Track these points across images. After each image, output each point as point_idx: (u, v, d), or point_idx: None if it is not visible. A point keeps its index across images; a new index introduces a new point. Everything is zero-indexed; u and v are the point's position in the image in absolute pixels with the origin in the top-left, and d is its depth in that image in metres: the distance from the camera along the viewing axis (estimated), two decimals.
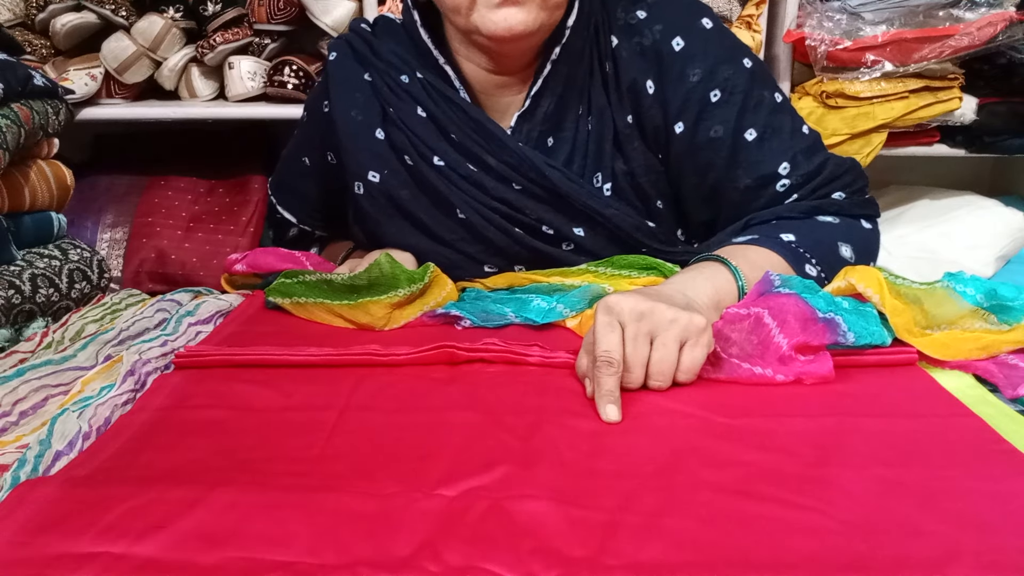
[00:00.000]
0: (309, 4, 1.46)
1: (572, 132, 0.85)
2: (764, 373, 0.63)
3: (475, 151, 0.83)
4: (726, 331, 0.67)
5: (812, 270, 0.77)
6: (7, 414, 0.60)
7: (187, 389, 0.64)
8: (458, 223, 0.85)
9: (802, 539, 0.44)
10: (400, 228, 0.87)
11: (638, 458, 0.53)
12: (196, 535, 0.45)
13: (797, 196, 0.82)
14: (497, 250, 0.86)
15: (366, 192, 0.87)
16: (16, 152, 0.93)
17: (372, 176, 0.86)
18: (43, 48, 1.48)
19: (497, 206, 0.84)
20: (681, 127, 0.82)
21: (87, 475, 0.52)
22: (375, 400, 0.62)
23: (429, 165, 0.84)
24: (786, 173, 0.82)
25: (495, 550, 0.43)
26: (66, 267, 0.97)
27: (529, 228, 0.85)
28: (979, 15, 1.40)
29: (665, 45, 0.82)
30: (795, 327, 0.64)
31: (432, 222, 0.86)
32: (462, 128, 0.83)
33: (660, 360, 0.61)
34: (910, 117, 1.47)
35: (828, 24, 1.44)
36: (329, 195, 0.98)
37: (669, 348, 0.61)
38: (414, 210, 0.86)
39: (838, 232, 0.80)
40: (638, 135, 0.84)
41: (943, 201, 1.63)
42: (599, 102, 0.84)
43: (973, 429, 0.56)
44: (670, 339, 0.61)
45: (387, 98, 0.85)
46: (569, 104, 0.84)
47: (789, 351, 0.63)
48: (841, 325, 0.65)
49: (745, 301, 0.70)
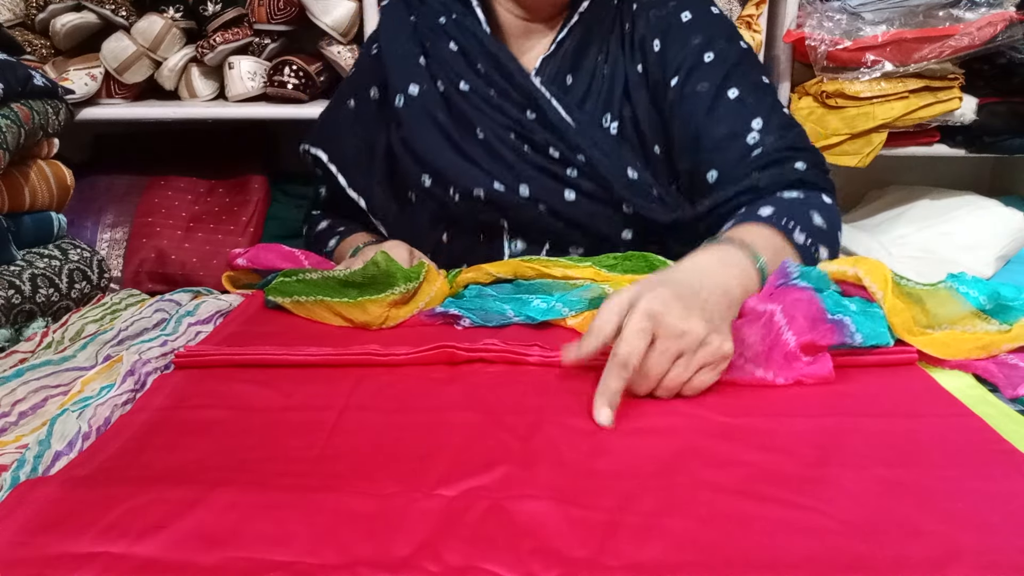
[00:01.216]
0: (309, 4, 1.46)
1: (589, 74, 0.95)
2: (765, 376, 0.63)
3: (496, 80, 0.94)
4: (744, 331, 0.66)
5: (800, 236, 0.80)
6: (6, 414, 0.60)
7: (187, 389, 0.64)
8: (478, 142, 0.94)
9: (802, 539, 0.44)
10: (432, 141, 0.95)
11: (638, 458, 0.53)
12: (196, 535, 0.45)
13: (763, 150, 0.88)
14: (508, 166, 0.92)
15: (405, 104, 0.96)
16: (16, 152, 0.93)
17: (412, 89, 0.96)
18: (43, 48, 1.48)
19: (511, 125, 0.93)
20: (675, 81, 0.92)
21: (87, 475, 0.52)
22: (375, 400, 0.62)
23: (456, 89, 0.94)
24: (758, 128, 0.89)
25: (495, 550, 0.43)
26: (66, 267, 0.97)
27: (539, 148, 0.93)
28: (979, 15, 1.40)
29: (675, 17, 0.94)
30: (804, 325, 0.64)
31: (458, 138, 0.94)
32: (486, 61, 0.94)
33: (675, 377, 0.61)
34: (910, 117, 1.47)
35: (828, 24, 1.44)
36: (360, 146, 1.03)
37: (689, 369, 0.61)
38: (444, 126, 0.95)
39: (807, 204, 0.85)
40: (644, 87, 0.94)
41: (943, 201, 1.63)
42: (615, 53, 0.95)
43: (973, 429, 0.56)
44: (695, 362, 0.61)
45: (426, 35, 0.97)
46: (589, 49, 0.96)
47: (795, 348, 0.63)
48: (849, 326, 0.65)
49: (762, 294, 0.70)
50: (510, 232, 0.95)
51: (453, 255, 0.96)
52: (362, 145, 1.03)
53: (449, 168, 0.93)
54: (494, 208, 0.93)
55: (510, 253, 0.95)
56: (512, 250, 0.96)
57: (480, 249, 0.96)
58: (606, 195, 0.91)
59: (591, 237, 0.93)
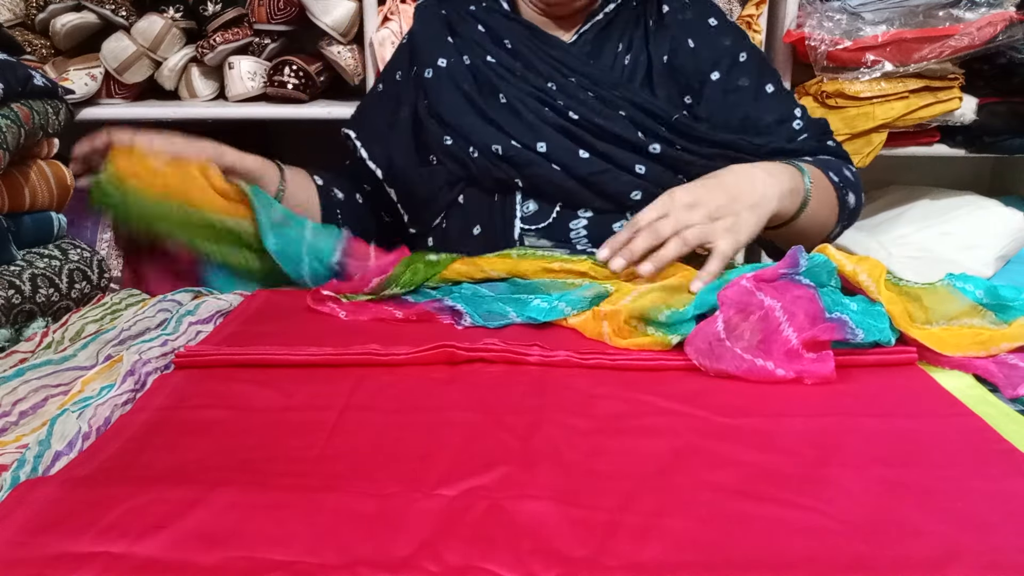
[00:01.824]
0: (309, 4, 1.46)
1: (610, 61, 1.03)
2: (765, 366, 0.63)
3: (523, 52, 1.02)
4: (736, 320, 0.67)
5: (835, 177, 0.97)
6: (7, 414, 0.60)
7: (187, 389, 0.64)
8: (500, 106, 1.01)
9: (802, 539, 0.44)
10: (457, 105, 1.02)
11: (638, 458, 0.53)
12: (196, 535, 0.45)
13: (808, 133, 1.03)
14: (528, 126, 0.99)
15: (434, 75, 1.04)
16: (16, 152, 0.93)
17: (440, 62, 1.04)
18: (43, 48, 1.48)
19: (533, 93, 1.00)
20: (717, 75, 1.02)
21: (87, 475, 0.52)
22: (375, 400, 0.62)
23: (483, 62, 1.03)
24: (799, 115, 1.04)
25: (495, 550, 0.43)
26: (66, 267, 0.97)
27: (559, 111, 0.99)
28: (979, 15, 1.40)
29: (701, 21, 1.05)
30: (804, 322, 0.64)
31: (482, 102, 1.01)
32: (515, 35, 1.03)
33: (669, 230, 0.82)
34: (910, 117, 1.47)
35: (828, 24, 1.44)
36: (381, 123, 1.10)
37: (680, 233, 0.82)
38: (468, 93, 1.02)
39: (838, 163, 1.02)
40: (670, 75, 1.03)
41: (943, 201, 1.63)
42: (638, 45, 1.03)
43: (973, 429, 0.56)
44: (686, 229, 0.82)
45: (455, 20, 1.06)
46: (610, 40, 1.04)
47: (798, 345, 0.63)
48: (849, 323, 0.65)
49: (766, 282, 0.70)
50: (523, 192, 0.99)
51: (467, 215, 1.02)
52: (384, 121, 1.09)
53: (471, 127, 0.99)
54: (510, 164, 0.98)
55: (521, 215, 1.00)
56: (524, 211, 1.00)
57: (494, 209, 1.01)
58: (620, 155, 0.97)
59: (601, 198, 0.98)
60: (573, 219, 0.99)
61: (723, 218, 0.84)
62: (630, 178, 0.97)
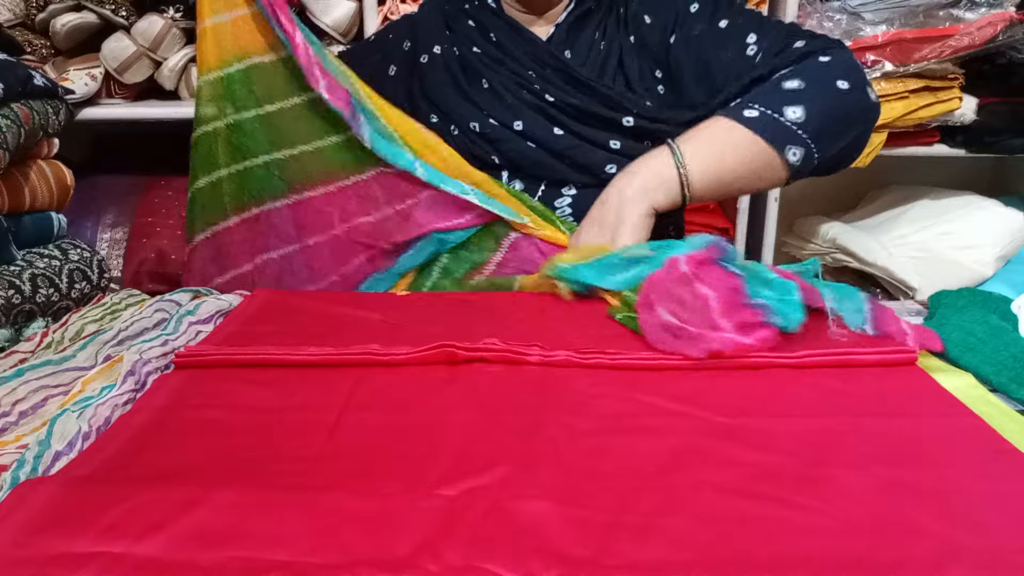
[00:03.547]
0: (309, 4, 1.46)
1: (586, 48, 1.08)
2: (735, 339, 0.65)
3: (506, 44, 1.08)
4: (675, 308, 0.69)
5: (751, 112, 0.92)
6: (7, 414, 0.60)
7: (187, 389, 0.64)
8: (483, 90, 1.08)
9: (802, 539, 0.44)
10: (444, 88, 1.10)
11: (638, 458, 0.53)
12: (196, 535, 0.45)
13: (762, 53, 1.00)
14: (506, 106, 1.06)
15: (430, 61, 1.11)
16: (16, 152, 0.93)
17: (435, 49, 1.11)
18: (43, 48, 1.48)
19: (514, 77, 1.06)
20: (674, 37, 1.05)
21: (87, 475, 0.52)
22: (375, 400, 0.62)
23: (470, 51, 1.10)
24: (753, 41, 1.01)
25: (495, 550, 0.43)
26: (66, 267, 0.97)
27: (536, 94, 1.05)
28: (979, 15, 1.40)
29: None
30: (730, 304, 0.67)
31: (466, 86, 1.09)
32: (500, 30, 1.09)
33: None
34: (910, 117, 1.47)
35: (828, 24, 1.44)
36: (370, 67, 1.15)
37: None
38: (456, 77, 1.09)
39: (785, 76, 0.95)
40: (636, 55, 1.07)
41: (943, 201, 1.63)
42: (612, 31, 1.08)
43: (973, 429, 0.56)
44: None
45: (451, 15, 1.13)
46: (585, 31, 1.08)
47: (726, 323, 0.66)
48: (770, 307, 0.67)
49: (690, 267, 0.72)
50: (508, 171, 1.06)
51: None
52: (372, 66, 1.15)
53: (453, 106, 1.08)
54: (486, 141, 1.05)
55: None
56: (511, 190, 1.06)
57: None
58: (592, 133, 1.03)
59: (576, 171, 1.03)
60: (558, 197, 1.05)
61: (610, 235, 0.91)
62: (605, 153, 1.02)
